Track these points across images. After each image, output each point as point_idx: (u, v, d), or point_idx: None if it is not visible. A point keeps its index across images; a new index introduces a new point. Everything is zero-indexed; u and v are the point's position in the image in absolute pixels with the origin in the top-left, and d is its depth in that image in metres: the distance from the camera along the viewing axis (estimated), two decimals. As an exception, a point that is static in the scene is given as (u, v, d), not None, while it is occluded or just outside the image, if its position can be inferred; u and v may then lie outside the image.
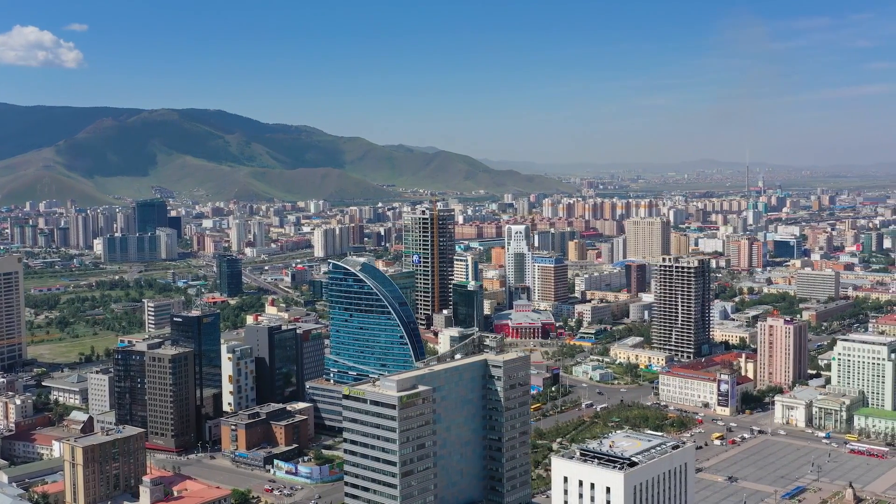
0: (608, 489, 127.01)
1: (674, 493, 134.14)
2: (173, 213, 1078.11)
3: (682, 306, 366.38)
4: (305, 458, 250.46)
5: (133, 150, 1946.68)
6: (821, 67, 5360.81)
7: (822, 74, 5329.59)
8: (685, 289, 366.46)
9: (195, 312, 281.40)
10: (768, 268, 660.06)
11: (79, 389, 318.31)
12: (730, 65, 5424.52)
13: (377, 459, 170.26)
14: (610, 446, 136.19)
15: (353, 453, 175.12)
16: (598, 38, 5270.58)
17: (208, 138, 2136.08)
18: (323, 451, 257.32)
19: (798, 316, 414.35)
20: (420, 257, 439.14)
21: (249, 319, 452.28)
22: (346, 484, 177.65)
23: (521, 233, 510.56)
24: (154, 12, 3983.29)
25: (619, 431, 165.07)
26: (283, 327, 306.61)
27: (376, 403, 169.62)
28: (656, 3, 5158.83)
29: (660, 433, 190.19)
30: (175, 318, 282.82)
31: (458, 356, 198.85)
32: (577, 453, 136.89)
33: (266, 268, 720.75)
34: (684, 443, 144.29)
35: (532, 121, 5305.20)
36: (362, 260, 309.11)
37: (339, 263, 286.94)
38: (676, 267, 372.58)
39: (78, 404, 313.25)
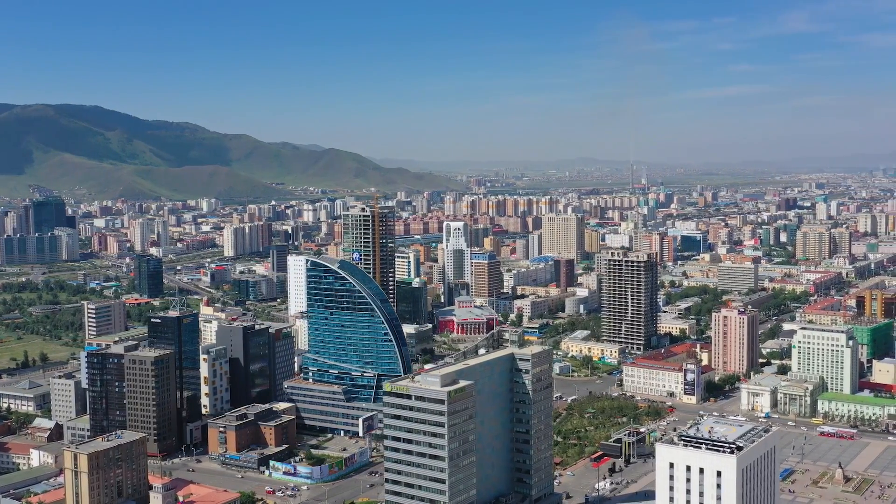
0: (718, 473, 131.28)
1: (767, 474, 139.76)
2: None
3: (632, 299, 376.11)
4: (297, 459, 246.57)
5: (6, 148, 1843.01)
6: (689, 69, 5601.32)
7: (689, 75, 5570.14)
8: (634, 282, 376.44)
9: (173, 313, 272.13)
10: (679, 262, 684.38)
11: (33, 395, 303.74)
12: (604, 65, 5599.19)
13: (423, 455, 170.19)
14: (709, 432, 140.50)
15: (395, 449, 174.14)
16: (475, 36, 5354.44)
17: (87, 135, 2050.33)
18: (312, 450, 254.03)
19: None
20: (361, 255, 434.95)
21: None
22: (387, 481, 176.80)
23: (459, 230, 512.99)
24: (18, 3, 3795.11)
25: (707, 418, 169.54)
26: (256, 327, 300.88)
27: (422, 399, 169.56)
28: (529, 3, 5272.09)
29: (741, 418, 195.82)
30: (153, 319, 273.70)
31: (481, 351, 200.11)
32: (678, 440, 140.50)
33: (179, 268, 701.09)
34: (771, 427, 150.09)
35: (415, 119, 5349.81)
36: (340, 259, 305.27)
37: (318, 261, 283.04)
38: (626, 261, 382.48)
39: (33, 411, 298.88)
